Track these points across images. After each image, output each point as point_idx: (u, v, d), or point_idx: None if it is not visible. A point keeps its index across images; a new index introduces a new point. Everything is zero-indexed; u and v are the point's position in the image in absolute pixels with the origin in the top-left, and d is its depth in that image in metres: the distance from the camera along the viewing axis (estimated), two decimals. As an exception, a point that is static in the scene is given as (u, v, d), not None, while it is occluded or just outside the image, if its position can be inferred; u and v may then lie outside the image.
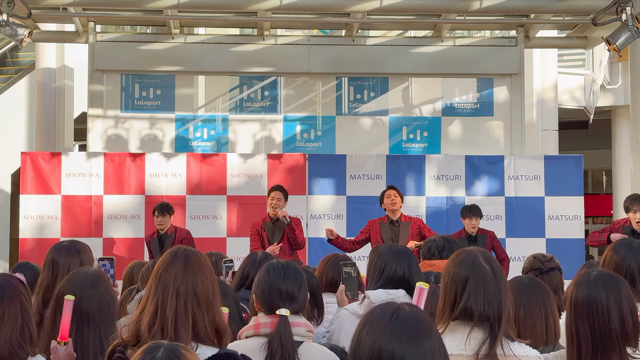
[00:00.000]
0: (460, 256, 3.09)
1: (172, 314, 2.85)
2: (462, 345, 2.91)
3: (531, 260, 4.86)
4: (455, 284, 3.01)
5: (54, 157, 10.90)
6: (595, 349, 2.93)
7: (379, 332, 2.04)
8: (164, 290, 2.89)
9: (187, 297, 2.88)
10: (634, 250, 3.91)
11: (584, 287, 3.00)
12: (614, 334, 2.92)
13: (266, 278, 3.40)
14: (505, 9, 11.39)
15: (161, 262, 2.98)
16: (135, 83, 12.14)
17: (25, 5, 10.07)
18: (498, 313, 2.94)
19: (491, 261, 3.04)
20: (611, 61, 16.28)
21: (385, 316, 2.07)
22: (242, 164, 11.00)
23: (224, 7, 11.36)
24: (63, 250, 4.28)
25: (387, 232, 9.05)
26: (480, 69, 12.21)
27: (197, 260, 2.97)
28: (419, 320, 2.09)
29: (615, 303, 2.95)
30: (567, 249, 10.48)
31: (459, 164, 11.08)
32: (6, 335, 2.76)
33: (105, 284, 3.51)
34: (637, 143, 11.14)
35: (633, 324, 2.97)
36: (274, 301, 3.33)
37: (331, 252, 6.00)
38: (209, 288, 2.94)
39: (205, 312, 2.90)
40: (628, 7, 9.83)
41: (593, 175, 21.47)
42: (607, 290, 2.97)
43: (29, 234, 10.59)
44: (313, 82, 12.54)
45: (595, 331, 2.93)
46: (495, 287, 2.97)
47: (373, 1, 10.68)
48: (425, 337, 2.05)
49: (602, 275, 3.05)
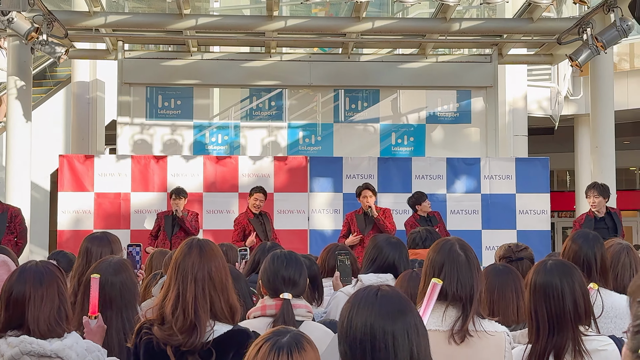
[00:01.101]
0: (439, 244, 3.11)
1: (192, 298, 2.87)
2: (438, 322, 2.92)
3: (505, 248, 4.86)
4: (433, 268, 3.02)
5: (88, 159, 10.91)
6: (552, 327, 2.94)
7: (367, 311, 2.03)
8: (184, 277, 2.90)
9: (204, 282, 2.89)
10: (590, 240, 3.93)
11: (541, 274, 3.02)
12: (568, 315, 2.94)
13: (271, 266, 3.42)
14: (481, 29, 11.42)
15: (179, 252, 2.99)
16: (159, 94, 12.14)
17: (63, 27, 10.08)
18: (470, 294, 2.95)
19: (466, 250, 3.05)
20: (574, 75, 16.28)
21: (369, 297, 2.07)
22: (251, 165, 11.01)
23: (235, 28, 11.38)
24: (96, 240, 4.28)
25: (361, 222, 9.34)
26: (460, 82, 12.21)
27: (210, 249, 2.98)
28: (400, 297, 2.10)
29: (568, 288, 2.97)
30: (535, 239, 10.48)
31: (441, 165, 11.09)
32: (45, 314, 2.76)
33: (127, 271, 3.50)
34: (596, 147, 11.13)
35: (585, 307, 2.99)
36: (278, 286, 3.34)
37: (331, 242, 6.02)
38: (222, 272, 2.96)
39: (220, 293, 2.92)
40: (588, 29, 9.84)
41: (558, 175, 21.46)
42: (561, 277, 2.99)
43: (66, 226, 10.60)
44: (313, 94, 12.54)
45: (552, 313, 2.95)
46: (467, 272, 2.98)
47: (366, 23, 10.69)
48: (408, 311, 2.06)
49: (557, 264, 3.07)
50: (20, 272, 2.84)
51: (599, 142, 11.07)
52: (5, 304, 2.78)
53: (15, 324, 2.77)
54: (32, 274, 2.81)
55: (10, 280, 2.82)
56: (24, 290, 2.77)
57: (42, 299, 2.76)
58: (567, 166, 18.78)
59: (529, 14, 10.69)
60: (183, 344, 2.82)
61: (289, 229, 10.46)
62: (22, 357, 2.72)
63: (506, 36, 11.71)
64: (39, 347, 2.72)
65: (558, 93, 16.10)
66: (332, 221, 10.68)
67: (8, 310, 2.77)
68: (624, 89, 15.79)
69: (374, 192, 9.42)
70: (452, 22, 10.66)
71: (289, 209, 10.48)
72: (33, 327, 2.75)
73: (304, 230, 10.76)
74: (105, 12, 10.72)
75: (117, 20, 10.79)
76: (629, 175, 21.30)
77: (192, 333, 2.83)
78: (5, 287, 2.82)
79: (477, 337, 2.90)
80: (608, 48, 9.85)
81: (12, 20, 9.06)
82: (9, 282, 2.82)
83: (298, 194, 10.78)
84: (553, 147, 17.79)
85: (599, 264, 3.85)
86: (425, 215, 9.51)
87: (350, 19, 10.77)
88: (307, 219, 10.78)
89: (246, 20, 12.00)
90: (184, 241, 3.04)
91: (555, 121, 16.20)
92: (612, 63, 11.67)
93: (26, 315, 2.75)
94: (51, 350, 2.73)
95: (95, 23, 10.63)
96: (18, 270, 2.86)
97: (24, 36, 9.40)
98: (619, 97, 13.01)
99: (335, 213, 10.82)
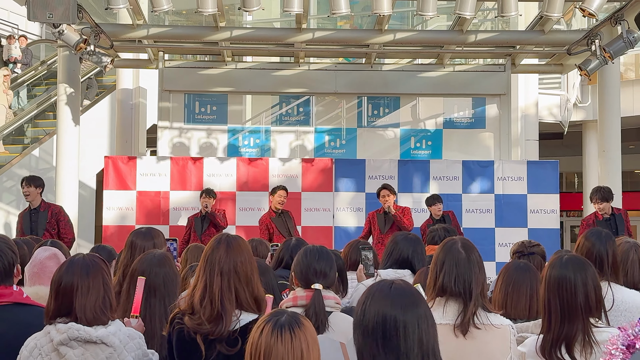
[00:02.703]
0: (444, 243, 3.13)
1: (218, 289, 2.87)
2: (440, 315, 2.93)
3: (518, 244, 4.84)
4: (437, 265, 3.04)
5: (131, 160, 10.97)
6: (563, 319, 2.90)
7: (381, 302, 2.04)
8: (211, 270, 2.90)
9: (230, 275, 2.89)
10: (602, 238, 3.89)
11: (556, 268, 2.98)
12: (579, 307, 2.89)
13: (304, 259, 3.40)
14: (496, 41, 11.32)
15: (208, 247, 2.99)
16: (196, 101, 12.17)
17: (108, 39, 10.15)
18: (469, 289, 2.94)
19: (468, 248, 3.04)
20: (582, 84, 16.10)
21: (384, 289, 2.08)
22: (281, 166, 11.00)
23: (267, 40, 11.40)
24: (140, 235, 4.28)
25: (382, 220, 9.29)
26: (475, 90, 12.12)
27: (237, 244, 2.97)
28: (412, 290, 2.11)
29: (581, 282, 2.92)
30: (545, 237, 10.37)
31: (457, 167, 11.01)
32: (91, 303, 2.77)
33: (169, 264, 3.52)
34: (604, 151, 11.01)
35: (596, 300, 2.94)
36: (310, 278, 3.32)
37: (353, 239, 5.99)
38: (248, 267, 2.94)
39: (245, 285, 2.91)
40: (597, 40, 9.72)
41: (567, 177, 21.25)
42: (576, 271, 2.94)
43: (110, 222, 10.66)
44: (339, 101, 12.51)
45: (564, 304, 2.91)
46: (467, 270, 2.97)
47: (388, 35, 10.64)
48: (419, 303, 2.06)
49: (572, 259, 3.02)
50: (69, 264, 2.84)
51: (606, 146, 10.95)
52: (55, 294, 2.79)
53: (64, 312, 2.78)
54: (80, 266, 2.82)
55: (60, 272, 2.83)
56: (72, 280, 2.77)
57: (88, 289, 2.77)
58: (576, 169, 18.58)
59: (540, 26, 10.59)
60: (211, 332, 2.82)
61: (315, 225, 10.45)
62: (70, 343, 2.73)
63: (519, 47, 11.60)
64: (85, 333, 2.73)
65: (567, 100, 15.94)
66: (355, 219, 10.64)
67: (57, 299, 2.78)
68: (630, 97, 15.60)
69: (392, 192, 9.34)
70: (468, 34, 10.58)
71: (315, 207, 10.46)
72: (80, 315, 2.75)
73: (329, 227, 10.74)
74: (148, 24, 10.78)
75: (158, 32, 10.84)
76: (634, 177, 21.04)
77: (218, 322, 2.82)
78: (55, 278, 2.83)
79: (483, 330, 2.90)
80: (615, 58, 9.73)
81: (62, 32, 9.13)
82: (59, 273, 2.83)
83: (324, 193, 10.76)
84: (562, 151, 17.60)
85: (611, 260, 3.80)
86: (438, 217, 9.41)
87: (373, 31, 10.73)
88: (332, 216, 10.75)
89: (277, 33, 12.02)
90: (214, 237, 3.04)
91: (564, 127, 16.04)
92: (618, 72, 11.52)
93: (74, 304, 2.76)
94: (96, 336, 2.74)
95: (138, 35, 10.70)
96: (67, 263, 2.87)
97: (73, 47, 9.48)
98: (625, 105, 12.84)
99: (358, 211, 10.78)
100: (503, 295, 3.48)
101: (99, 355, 2.75)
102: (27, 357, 2.76)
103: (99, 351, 2.75)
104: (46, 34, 16.96)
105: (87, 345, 2.75)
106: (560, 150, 17.56)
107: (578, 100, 16.31)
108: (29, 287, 3.59)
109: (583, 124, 16.66)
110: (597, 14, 9.02)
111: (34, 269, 3.72)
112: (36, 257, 3.79)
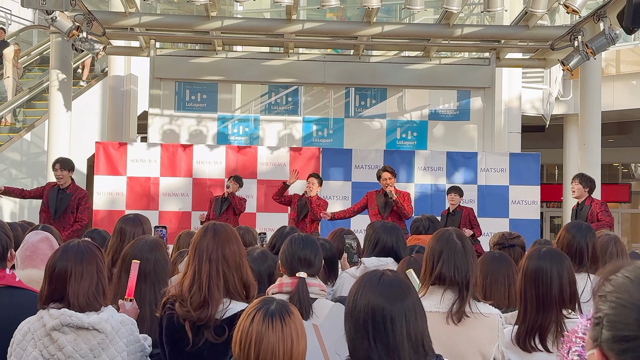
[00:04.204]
0: (439, 234, 3.12)
1: (206, 276, 2.87)
2: (438, 304, 2.94)
3: (499, 236, 4.85)
4: (433, 255, 3.04)
5: (121, 146, 10.93)
6: (538, 309, 2.94)
7: (370, 294, 2.04)
8: (199, 258, 2.91)
9: (218, 262, 2.90)
10: (583, 230, 3.93)
11: (534, 260, 3.01)
12: (554, 299, 2.93)
13: (289, 247, 3.41)
14: (481, 35, 11.35)
15: (196, 235, 3.00)
16: (186, 89, 12.14)
17: (101, 26, 10.09)
18: (466, 279, 2.96)
19: (462, 239, 3.06)
20: (564, 78, 16.17)
21: (373, 281, 2.07)
22: (269, 154, 11.00)
23: (257, 30, 11.36)
24: (129, 221, 4.28)
25: (381, 202, 8.90)
26: (460, 83, 12.14)
27: (224, 232, 2.98)
28: (401, 282, 2.10)
29: (557, 274, 2.95)
30: (526, 227, 10.45)
31: (442, 158, 11.04)
32: (84, 289, 2.77)
33: (160, 250, 3.51)
34: (584, 144, 11.09)
35: (570, 292, 2.97)
36: (295, 266, 3.33)
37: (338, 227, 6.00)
38: (237, 253, 2.95)
39: (235, 272, 2.92)
40: (579, 36, 9.78)
41: (547, 169, 21.37)
42: (552, 263, 2.97)
43: (101, 206, 10.64)
44: (327, 91, 12.51)
45: (539, 295, 2.94)
46: (463, 259, 2.99)
47: (376, 27, 10.65)
48: (406, 295, 2.06)
49: (550, 251, 3.05)
50: (63, 250, 2.84)
51: (586, 139, 11.03)
52: (49, 279, 2.78)
53: (57, 297, 2.77)
54: (74, 252, 2.81)
55: (54, 257, 2.82)
56: (66, 266, 2.77)
57: (82, 276, 2.76)
58: (556, 161, 18.69)
59: (525, 21, 10.62)
60: (198, 319, 2.83)
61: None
62: (62, 328, 2.72)
63: (504, 42, 11.63)
64: (78, 319, 2.72)
65: (549, 94, 16.01)
66: (341, 206, 10.62)
67: (51, 285, 2.77)
68: (610, 92, 15.68)
69: (393, 174, 8.95)
70: (455, 27, 10.60)
71: (302, 195, 10.43)
72: (73, 300, 2.75)
73: (316, 215, 10.74)
74: (140, 13, 10.72)
75: (150, 20, 10.78)
76: (613, 170, 21.21)
77: (204, 308, 2.83)
78: (49, 263, 2.82)
79: (473, 318, 2.93)
80: (597, 54, 9.78)
81: (55, 19, 9.07)
82: (53, 258, 2.82)
83: (311, 181, 10.76)
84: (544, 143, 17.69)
85: (590, 253, 3.84)
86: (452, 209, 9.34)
87: (362, 24, 10.73)
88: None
89: (267, 23, 11.98)
90: (203, 225, 3.05)
91: (546, 120, 16.12)
92: (600, 68, 11.58)
93: (67, 289, 2.75)
94: (89, 323, 2.73)
95: (131, 23, 10.64)
96: (62, 248, 2.87)
97: (65, 33, 9.42)
98: (605, 99, 12.93)
99: (344, 200, 10.81)
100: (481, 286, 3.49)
101: (91, 341, 2.75)
102: (20, 340, 2.76)
103: (91, 337, 2.75)
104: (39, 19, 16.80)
105: (79, 331, 2.74)
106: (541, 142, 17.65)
107: (560, 94, 16.39)
108: (21, 270, 3.59)
109: (564, 117, 16.75)
110: (580, 11, 9.07)
111: (26, 252, 3.71)
112: (28, 240, 3.78)
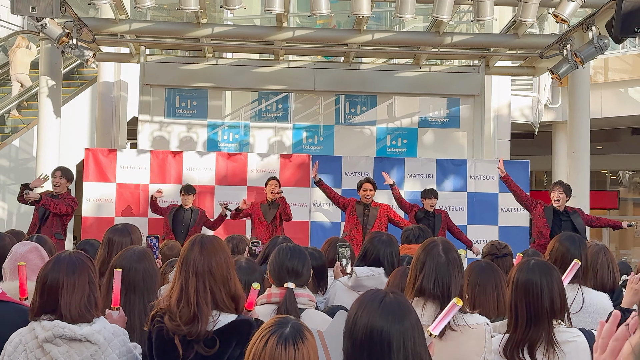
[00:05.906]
0: (425, 244, 3.10)
1: (194, 291, 2.84)
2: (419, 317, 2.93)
3: (489, 246, 4.86)
4: (417, 266, 3.03)
5: (111, 153, 10.90)
6: (529, 322, 2.94)
7: (370, 314, 2.05)
8: (186, 271, 2.88)
9: (204, 276, 2.86)
10: (576, 242, 3.93)
11: (524, 272, 3.00)
12: (545, 311, 2.93)
13: (277, 258, 3.41)
14: (471, 43, 11.42)
15: (184, 248, 2.97)
16: (176, 95, 12.13)
17: (91, 32, 10.08)
18: (447, 293, 2.94)
19: (449, 252, 3.03)
20: (553, 86, 16.26)
21: (375, 302, 2.08)
22: (259, 161, 11.00)
23: (247, 37, 11.38)
24: (117, 232, 4.26)
25: (360, 213, 9.00)
26: (450, 91, 12.19)
27: (211, 245, 2.93)
28: (401, 304, 2.10)
29: (547, 286, 2.95)
30: (515, 234, 10.51)
31: (431, 165, 11.07)
32: (76, 301, 2.76)
33: (149, 260, 3.48)
34: (573, 152, 11.16)
35: (560, 304, 2.98)
36: (283, 276, 3.33)
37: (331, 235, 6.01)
38: (224, 266, 2.90)
39: (222, 285, 2.87)
40: (568, 45, 9.85)
41: (536, 176, 21.44)
42: (542, 275, 2.97)
43: (90, 213, 10.58)
44: (317, 98, 12.53)
45: (530, 307, 2.94)
46: (446, 272, 2.97)
47: (366, 35, 10.69)
48: (405, 317, 2.07)
49: (539, 264, 3.05)
50: (55, 262, 2.83)
51: (575, 147, 11.10)
52: (40, 291, 2.77)
53: (49, 309, 2.76)
54: (66, 264, 2.80)
55: (46, 269, 2.81)
56: (58, 278, 2.76)
57: (74, 287, 2.76)
58: (545, 168, 18.75)
59: (514, 30, 10.70)
60: (188, 333, 2.81)
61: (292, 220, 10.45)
62: (55, 340, 2.71)
63: (493, 50, 11.71)
64: (70, 331, 2.72)
65: (538, 102, 16.10)
66: (331, 214, 10.68)
67: (43, 297, 2.77)
68: (599, 100, 15.79)
69: (374, 186, 9.06)
70: (444, 35, 10.66)
71: (292, 202, 10.39)
72: (65, 312, 2.74)
73: (306, 222, 10.77)
74: (130, 19, 10.72)
75: (140, 27, 10.79)
76: (601, 177, 21.32)
77: (194, 323, 2.80)
78: (41, 275, 2.81)
79: (459, 332, 2.90)
80: (586, 63, 9.86)
81: (45, 25, 9.06)
82: (44, 270, 2.81)
83: (301, 188, 10.77)
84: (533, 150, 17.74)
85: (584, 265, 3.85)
86: (431, 211, 9.40)
87: (352, 31, 10.77)
88: (309, 211, 10.78)
89: (257, 30, 12.01)
90: (190, 238, 3.03)
91: (535, 127, 16.19)
92: (588, 76, 11.67)
93: (59, 301, 2.75)
94: (81, 334, 2.73)
95: (120, 29, 10.63)
96: (53, 260, 2.85)
97: (55, 40, 9.41)
98: (593, 107, 13.01)
99: (334, 207, 10.78)
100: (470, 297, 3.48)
101: (84, 352, 2.74)
102: (11, 352, 2.75)
103: (83, 349, 2.74)
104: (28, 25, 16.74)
105: (71, 343, 2.73)
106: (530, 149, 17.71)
107: (549, 102, 16.48)
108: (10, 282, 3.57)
109: (553, 124, 16.83)
110: (569, 20, 9.14)
111: (15, 263, 3.69)
112: (16, 252, 3.73)
